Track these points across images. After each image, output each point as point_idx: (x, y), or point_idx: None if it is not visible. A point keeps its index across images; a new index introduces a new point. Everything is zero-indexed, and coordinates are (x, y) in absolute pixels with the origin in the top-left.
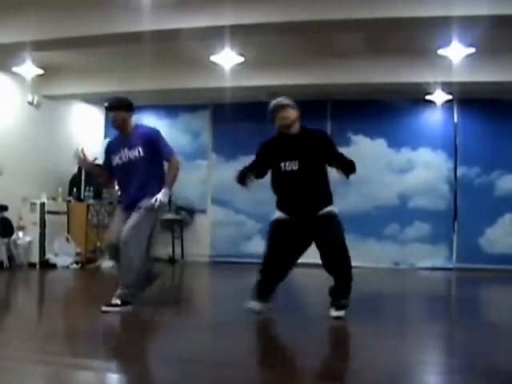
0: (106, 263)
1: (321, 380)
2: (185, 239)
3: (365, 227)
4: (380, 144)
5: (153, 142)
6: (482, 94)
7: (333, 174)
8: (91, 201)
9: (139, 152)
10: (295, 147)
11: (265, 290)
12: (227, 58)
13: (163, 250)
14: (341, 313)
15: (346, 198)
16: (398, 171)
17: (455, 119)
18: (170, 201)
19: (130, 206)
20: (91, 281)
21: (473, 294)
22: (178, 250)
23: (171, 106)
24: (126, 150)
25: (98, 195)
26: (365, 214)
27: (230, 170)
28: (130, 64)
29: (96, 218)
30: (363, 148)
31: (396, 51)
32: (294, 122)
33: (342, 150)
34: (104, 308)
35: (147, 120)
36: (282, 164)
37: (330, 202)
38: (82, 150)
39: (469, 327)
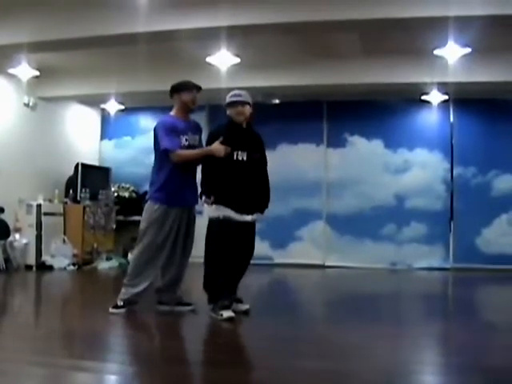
0: (103, 264)
1: (317, 380)
2: None
3: (361, 228)
4: (376, 144)
5: (200, 133)
6: (478, 94)
7: None
8: (87, 202)
9: (197, 140)
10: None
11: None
12: (223, 59)
13: None
14: None
15: (343, 199)
16: (394, 172)
17: (451, 119)
18: None
19: (186, 204)
20: (88, 282)
21: (470, 294)
22: None
23: (167, 108)
24: (190, 134)
25: (94, 197)
26: (361, 215)
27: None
28: (127, 65)
29: (92, 220)
30: (359, 149)
31: (392, 52)
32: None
33: (339, 150)
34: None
35: (144, 121)
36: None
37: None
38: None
39: (466, 327)
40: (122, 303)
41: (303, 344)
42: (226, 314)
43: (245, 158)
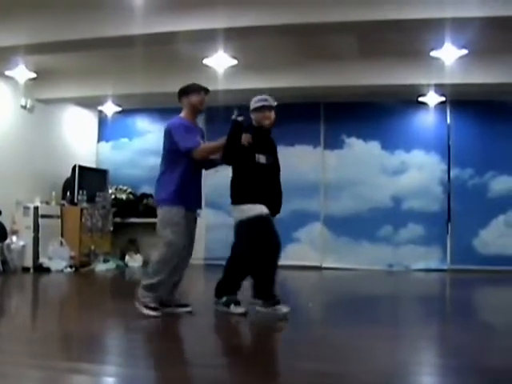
0: (100, 267)
1: (317, 382)
2: None
3: (358, 229)
4: (373, 146)
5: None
6: (475, 95)
7: None
8: (85, 204)
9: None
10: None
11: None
12: (220, 60)
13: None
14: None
15: (340, 200)
16: (391, 173)
17: (448, 121)
18: None
19: (197, 207)
20: (85, 284)
21: (467, 295)
22: None
23: (165, 110)
24: (198, 137)
25: (91, 199)
26: (358, 216)
27: (224, 173)
28: (124, 67)
29: (90, 222)
30: (357, 150)
31: (389, 53)
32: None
33: (336, 152)
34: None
35: (141, 123)
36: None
37: None
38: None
39: (463, 328)
40: (153, 305)
41: (302, 346)
42: (286, 308)
43: (264, 162)
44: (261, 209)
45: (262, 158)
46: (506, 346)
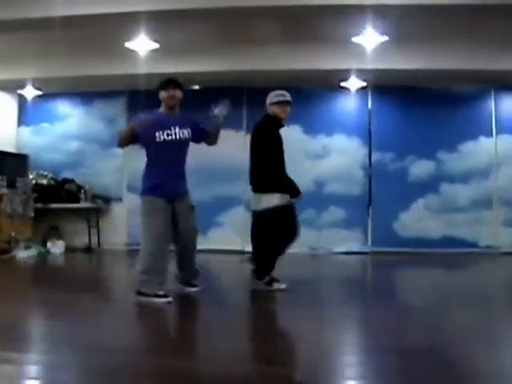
0: (22, 253)
1: (244, 362)
2: (101, 228)
3: None
4: (295, 131)
5: (194, 120)
6: (396, 81)
7: None
8: (4, 190)
9: (188, 133)
10: None
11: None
12: (142, 44)
13: (79, 239)
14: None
15: None
16: (313, 157)
17: (369, 106)
18: (85, 190)
19: (176, 196)
20: (6, 272)
21: (388, 277)
22: (94, 239)
23: (86, 93)
24: (177, 128)
25: (11, 184)
26: None
27: (144, 158)
28: (44, 50)
29: (10, 208)
30: None
31: (311, 38)
32: None
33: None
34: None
35: (62, 108)
36: None
37: None
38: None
39: (385, 309)
40: (162, 292)
41: (228, 329)
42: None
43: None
44: (285, 198)
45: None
46: (425, 327)
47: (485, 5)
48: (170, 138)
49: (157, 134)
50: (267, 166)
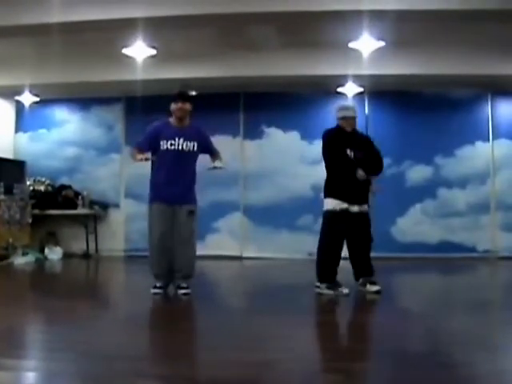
0: (19, 260)
1: (241, 371)
2: (99, 234)
3: (278, 218)
4: (293, 136)
5: (205, 139)
6: (392, 86)
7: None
8: (2, 196)
9: (194, 147)
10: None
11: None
12: (139, 50)
13: (77, 245)
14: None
15: (260, 190)
16: (311, 163)
17: (366, 111)
18: (82, 196)
19: (175, 201)
20: (3, 278)
21: (386, 282)
22: (92, 245)
23: (83, 100)
24: (181, 140)
25: (8, 191)
26: (278, 206)
27: (143, 163)
28: (42, 56)
29: (7, 214)
30: (276, 140)
31: (308, 44)
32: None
33: (255, 142)
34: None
35: (60, 114)
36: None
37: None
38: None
39: (383, 313)
40: (157, 284)
41: (223, 336)
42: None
43: (352, 156)
44: (338, 204)
45: (350, 153)
46: (423, 331)
47: (481, 10)
48: (172, 147)
49: (161, 142)
50: (327, 173)
